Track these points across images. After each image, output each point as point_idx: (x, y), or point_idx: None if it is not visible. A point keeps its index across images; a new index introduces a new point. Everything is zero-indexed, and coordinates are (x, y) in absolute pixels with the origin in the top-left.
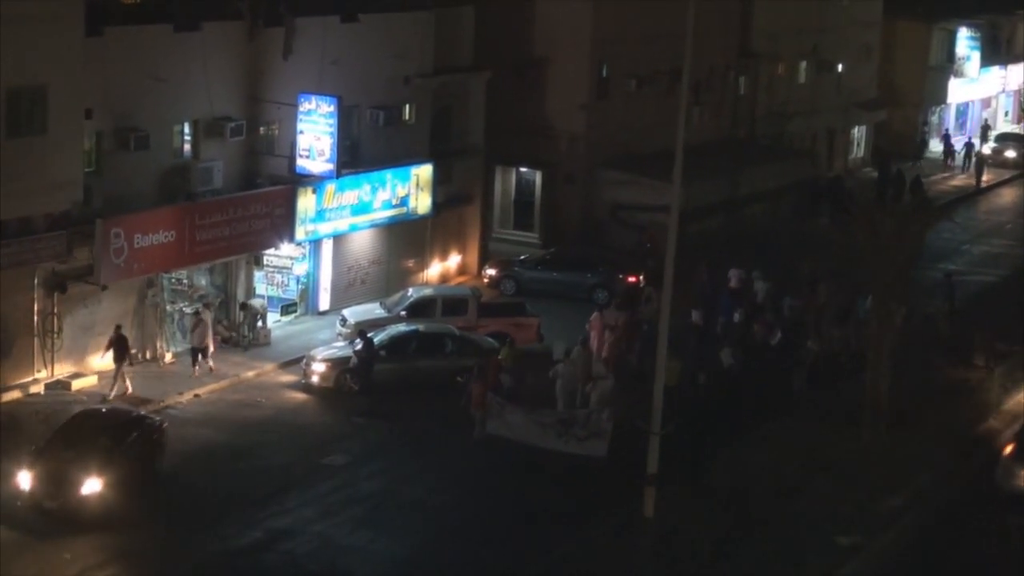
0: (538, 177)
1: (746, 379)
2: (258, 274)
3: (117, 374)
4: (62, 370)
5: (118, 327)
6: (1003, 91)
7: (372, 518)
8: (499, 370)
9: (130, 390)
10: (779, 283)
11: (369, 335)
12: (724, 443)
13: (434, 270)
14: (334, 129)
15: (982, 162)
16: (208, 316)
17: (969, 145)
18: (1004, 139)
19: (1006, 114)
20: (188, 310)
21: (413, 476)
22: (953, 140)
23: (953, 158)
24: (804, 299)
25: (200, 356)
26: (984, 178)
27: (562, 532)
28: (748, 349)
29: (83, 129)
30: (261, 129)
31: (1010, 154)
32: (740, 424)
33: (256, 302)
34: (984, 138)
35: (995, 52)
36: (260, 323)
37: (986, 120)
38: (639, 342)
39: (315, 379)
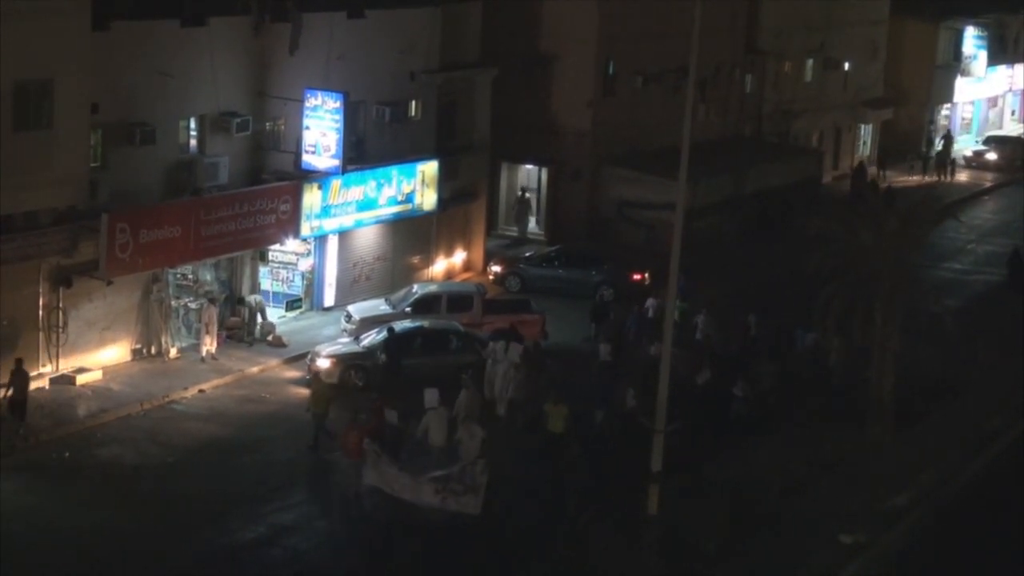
0: (544, 174)
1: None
2: (263, 270)
3: None
4: (67, 364)
5: None
6: (1010, 90)
7: (377, 513)
8: (383, 412)
9: None
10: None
11: (397, 329)
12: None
13: (439, 266)
14: (340, 125)
15: (944, 163)
16: (214, 312)
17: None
18: (989, 142)
19: (1013, 113)
20: (193, 305)
21: None
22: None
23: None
24: (740, 332)
25: (21, 412)
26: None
27: (566, 528)
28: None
29: (89, 123)
30: (267, 125)
31: (991, 156)
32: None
33: (252, 298)
34: (947, 143)
35: (1002, 51)
36: (260, 319)
37: (948, 131)
38: (538, 380)
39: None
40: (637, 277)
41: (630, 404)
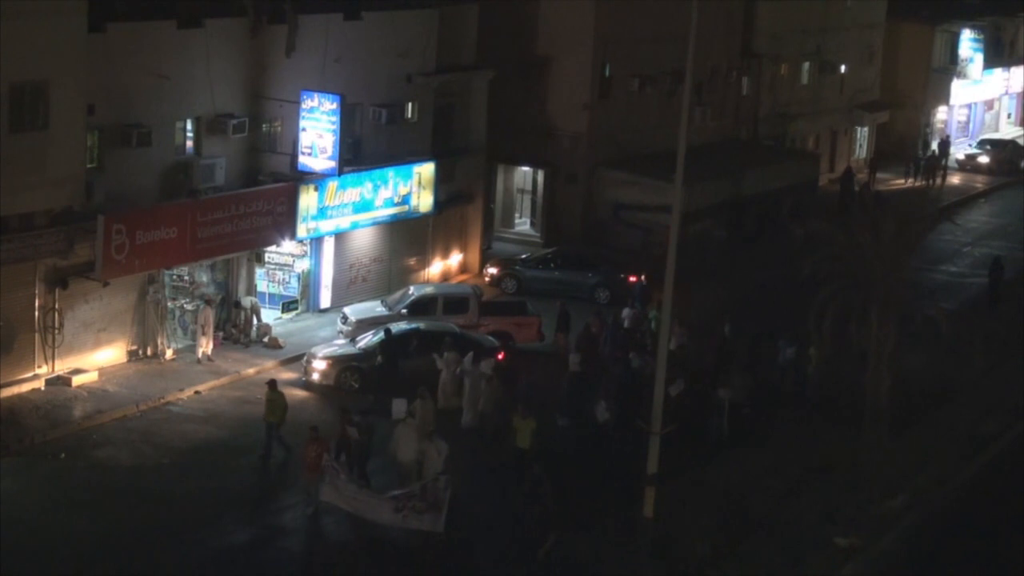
0: (540, 176)
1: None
2: (259, 271)
3: None
4: (63, 366)
5: None
6: (1006, 93)
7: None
8: (347, 426)
9: None
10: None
11: (393, 331)
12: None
13: (435, 268)
14: (336, 127)
15: (934, 168)
16: (210, 314)
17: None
18: (983, 144)
19: (1009, 116)
20: (189, 306)
21: None
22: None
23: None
24: (716, 342)
25: None
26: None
27: (561, 531)
28: (638, 399)
29: (85, 125)
30: (264, 126)
31: (983, 160)
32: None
33: (248, 299)
34: (942, 147)
35: (998, 54)
36: (256, 320)
37: (945, 135)
38: (511, 392)
39: (316, 377)
40: (633, 279)
41: (602, 417)
